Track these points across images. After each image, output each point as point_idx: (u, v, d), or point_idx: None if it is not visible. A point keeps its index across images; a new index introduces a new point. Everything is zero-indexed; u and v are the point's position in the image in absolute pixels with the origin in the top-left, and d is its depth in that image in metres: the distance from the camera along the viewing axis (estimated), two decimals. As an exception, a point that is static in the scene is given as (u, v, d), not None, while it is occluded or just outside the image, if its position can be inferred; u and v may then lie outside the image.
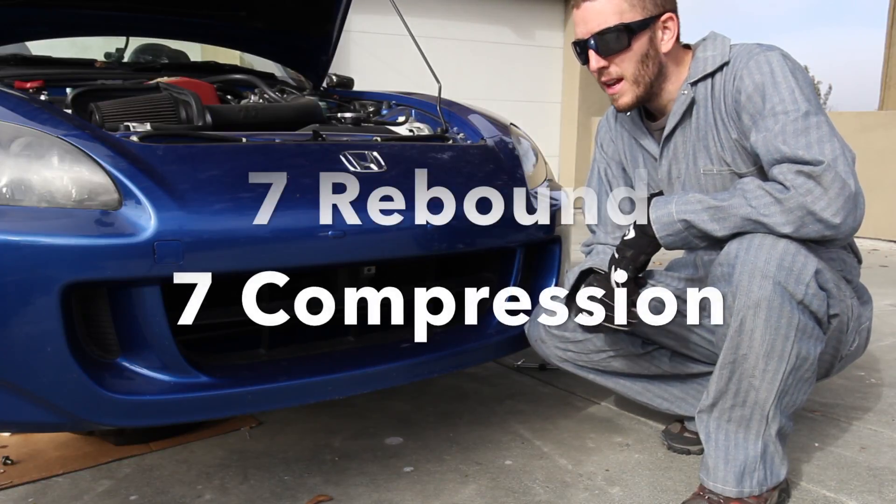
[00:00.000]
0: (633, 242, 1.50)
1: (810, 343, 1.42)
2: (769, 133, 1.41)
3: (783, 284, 1.36)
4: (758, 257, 1.36)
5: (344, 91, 2.64)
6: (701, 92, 1.56)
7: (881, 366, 2.61)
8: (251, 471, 1.74)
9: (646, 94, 1.57)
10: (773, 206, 1.37)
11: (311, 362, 1.59)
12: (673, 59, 1.57)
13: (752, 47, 1.52)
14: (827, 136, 1.38)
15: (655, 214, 1.46)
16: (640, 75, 1.54)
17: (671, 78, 1.58)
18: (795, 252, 1.37)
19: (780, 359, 1.40)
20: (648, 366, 1.77)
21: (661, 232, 1.45)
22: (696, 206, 1.43)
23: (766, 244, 1.37)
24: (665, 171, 1.66)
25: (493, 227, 1.77)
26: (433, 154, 1.88)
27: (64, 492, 1.63)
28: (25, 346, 1.29)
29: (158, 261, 1.33)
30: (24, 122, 1.40)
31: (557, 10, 7.75)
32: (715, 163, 1.57)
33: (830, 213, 1.34)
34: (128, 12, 2.28)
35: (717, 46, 1.56)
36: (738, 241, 1.40)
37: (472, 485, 1.69)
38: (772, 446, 1.49)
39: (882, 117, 5.71)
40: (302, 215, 1.50)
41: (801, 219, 1.35)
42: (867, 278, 1.84)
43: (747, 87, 1.47)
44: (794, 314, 1.38)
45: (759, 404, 1.45)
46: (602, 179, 1.83)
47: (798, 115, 1.40)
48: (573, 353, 1.75)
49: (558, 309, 1.67)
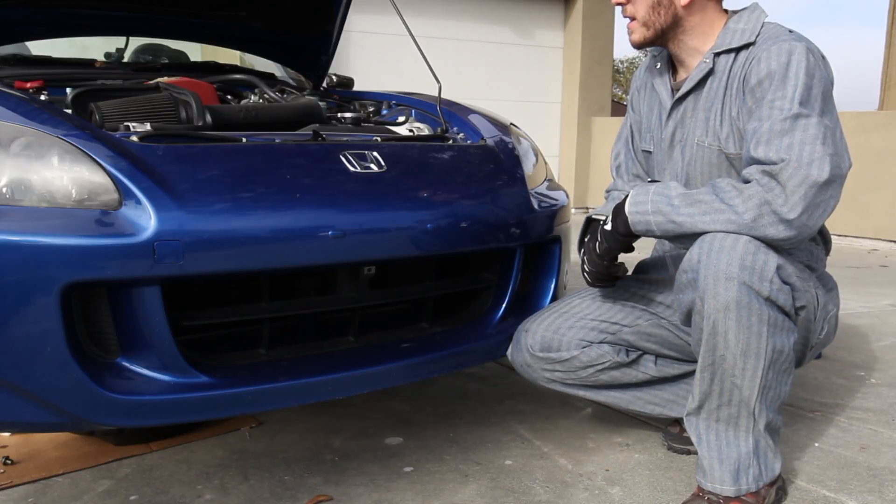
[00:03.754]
0: (607, 234, 1.57)
1: (783, 336, 1.44)
2: (759, 125, 1.44)
3: (748, 283, 1.38)
4: (720, 260, 1.38)
5: (344, 91, 2.64)
6: (721, 64, 1.58)
7: (881, 366, 2.61)
8: (251, 471, 1.74)
9: (656, 38, 1.62)
10: (735, 197, 1.40)
11: (311, 362, 1.59)
12: (700, 16, 1.59)
13: (782, 32, 1.52)
14: (810, 139, 1.38)
15: (634, 192, 1.52)
16: (650, 20, 1.60)
17: (694, 34, 1.61)
18: (755, 250, 1.38)
19: (758, 356, 1.42)
20: (635, 373, 1.78)
21: (632, 207, 1.50)
22: (672, 191, 1.47)
23: (727, 246, 1.38)
24: (670, 133, 1.68)
25: (493, 227, 1.77)
26: (433, 154, 1.88)
27: (64, 492, 1.63)
28: (25, 346, 1.29)
29: (158, 261, 1.33)
30: (24, 122, 1.40)
31: (557, 10, 7.74)
32: (708, 135, 1.60)
33: (787, 207, 1.36)
34: (128, 12, 2.27)
35: (751, 21, 1.57)
36: (699, 246, 1.42)
37: (472, 485, 1.69)
38: (762, 441, 1.51)
39: (882, 117, 5.70)
40: (302, 215, 1.50)
41: (758, 207, 1.38)
42: (867, 278, 1.84)
43: (761, 70, 1.48)
44: (763, 311, 1.40)
45: (744, 402, 1.47)
46: (628, 131, 1.88)
47: (788, 114, 1.41)
48: (560, 372, 1.76)
49: (538, 329, 1.75)
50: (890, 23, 8.08)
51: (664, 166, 1.71)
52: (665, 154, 1.70)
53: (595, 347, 1.73)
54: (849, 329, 3.04)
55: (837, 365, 2.60)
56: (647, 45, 1.65)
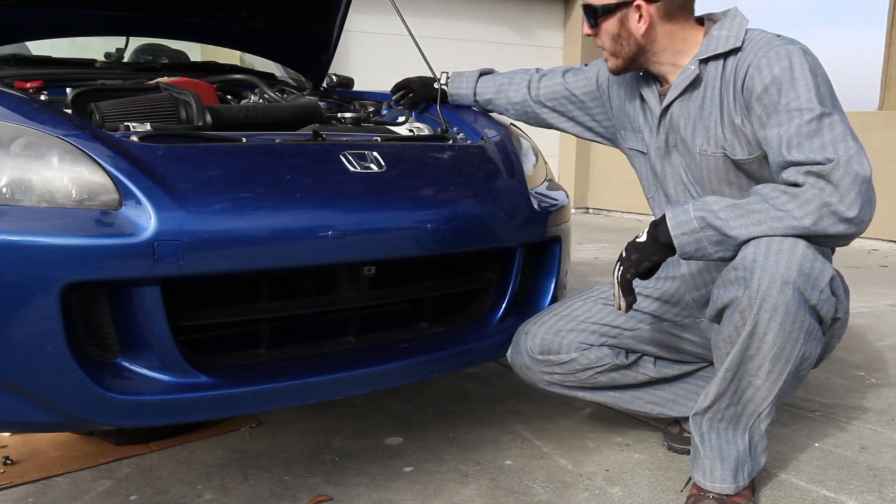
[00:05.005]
0: (641, 246, 1.48)
1: (814, 345, 1.45)
2: (781, 129, 1.42)
3: (801, 290, 1.36)
4: (778, 262, 1.35)
5: (344, 91, 2.64)
6: (711, 71, 1.57)
7: (881, 366, 2.61)
8: (251, 471, 1.74)
9: (629, 65, 1.65)
10: (789, 202, 1.37)
11: (311, 362, 1.59)
12: (666, 38, 1.59)
13: (772, 38, 1.52)
14: (840, 137, 1.39)
15: (672, 213, 1.45)
16: (616, 50, 1.64)
17: (667, 53, 1.61)
18: (814, 258, 1.37)
19: (787, 361, 1.42)
20: (635, 375, 1.78)
21: (676, 230, 1.43)
22: (714, 205, 1.42)
23: (786, 248, 1.36)
24: (663, 140, 1.68)
25: (493, 227, 1.77)
26: (433, 154, 1.88)
27: (64, 492, 1.63)
28: (25, 347, 1.29)
29: (158, 261, 1.33)
30: (24, 122, 1.40)
31: (557, 10, 7.74)
32: (711, 144, 1.59)
33: (844, 206, 1.35)
34: (128, 12, 2.27)
35: (734, 27, 1.56)
36: (756, 246, 1.38)
37: (472, 485, 1.69)
38: (756, 437, 1.54)
39: (882, 117, 5.70)
40: (302, 215, 1.50)
41: (818, 210, 1.35)
42: (867, 278, 1.84)
43: (764, 78, 1.47)
44: (806, 318, 1.39)
45: (754, 401, 1.47)
46: (578, 77, 1.92)
47: (813, 115, 1.40)
48: (559, 374, 1.76)
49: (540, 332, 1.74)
50: (890, 23, 8.07)
51: (665, 171, 1.70)
52: (663, 159, 1.70)
53: (595, 350, 1.73)
54: (849, 329, 3.04)
55: (837, 365, 2.60)
56: (624, 71, 1.68)
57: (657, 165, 1.72)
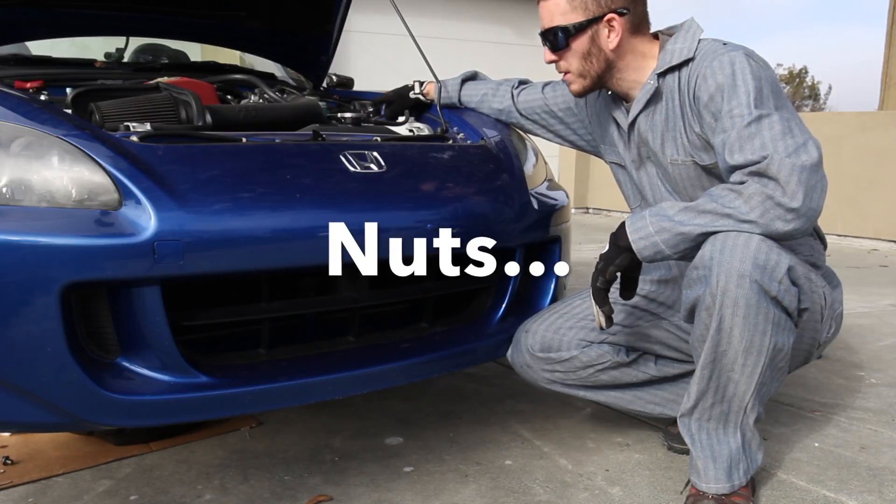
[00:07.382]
0: (604, 255, 1.53)
1: (784, 335, 1.46)
2: (725, 136, 1.46)
3: (759, 282, 1.39)
4: (733, 257, 1.39)
5: (344, 91, 2.64)
6: (669, 83, 1.61)
7: (881, 366, 2.61)
8: (251, 471, 1.74)
9: (595, 85, 1.68)
10: (736, 199, 1.41)
11: (311, 362, 1.59)
12: (630, 54, 1.63)
13: (718, 46, 1.55)
14: (779, 135, 1.41)
15: (630, 220, 1.50)
16: (584, 70, 1.65)
17: (629, 70, 1.64)
18: (768, 250, 1.40)
19: (759, 353, 1.44)
20: (636, 373, 1.79)
21: (634, 235, 1.48)
22: (669, 210, 1.47)
23: (740, 244, 1.39)
24: (636, 153, 1.73)
25: (493, 226, 1.77)
26: (433, 154, 1.88)
27: (64, 492, 1.63)
28: (25, 346, 1.29)
29: (158, 261, 1.33)
30: (24, 122, 1.40)
31: (557, 10, 7.74)
32: (680, 153, 1.62)
33: (788, 197, 1.37)
34: (128, 12, 2.27)
35: (687, 39, 1.60)
36: (712, 244, 1.42)
37: (472, 485, 1.69)
38: (748, 433, 1.54)
39: (882, 117, 5.70)
40: (302, 215, 1.50)
41: (762, 203, 1.38)
42: (867, 278, 1.84)
43: (710, 86, 1.51)
44: (770, 310, 1.42)
45: (737, 397, 1.49)
46: (557, 94, 1.96)
47: (751, 118, 1.43)
48: (560, 373, 1.77)
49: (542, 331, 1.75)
50: (890, 23, 8.08)
51: (642, 181, 1.75)
52: (639, 170, 1.75)
53: (595, 347, 1.74)
54: (849, 329, 3.04)
55: (837, 365, 2.60)
56: (588, 92, 1.71)
57: (635, 177, 1.77)
